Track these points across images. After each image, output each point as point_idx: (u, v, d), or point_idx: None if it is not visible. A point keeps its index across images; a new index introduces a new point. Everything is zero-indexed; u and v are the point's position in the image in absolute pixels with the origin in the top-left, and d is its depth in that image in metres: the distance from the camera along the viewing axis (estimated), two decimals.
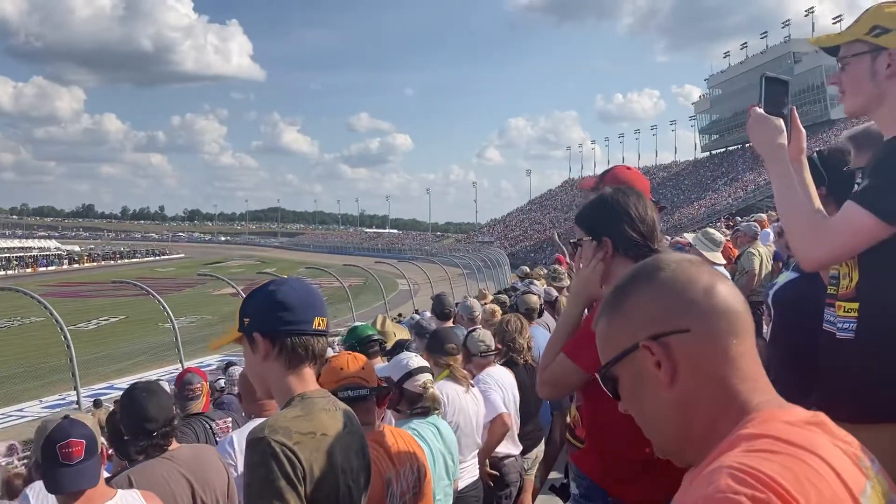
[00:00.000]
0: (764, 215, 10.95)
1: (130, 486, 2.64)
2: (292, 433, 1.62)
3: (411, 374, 3.15)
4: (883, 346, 1.86)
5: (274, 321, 1.77)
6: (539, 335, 5.68)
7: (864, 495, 0.94)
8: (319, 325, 1.80)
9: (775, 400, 1.06)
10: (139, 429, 2.85)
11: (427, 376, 3.19)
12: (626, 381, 1.11)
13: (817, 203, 2.05)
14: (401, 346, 4.71)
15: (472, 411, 3.99)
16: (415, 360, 3.24)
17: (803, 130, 2.07)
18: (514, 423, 4.63)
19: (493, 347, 4.72)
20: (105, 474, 2.72)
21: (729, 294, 1.07)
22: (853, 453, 0.99)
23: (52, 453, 2.41)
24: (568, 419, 2.47)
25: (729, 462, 0.91)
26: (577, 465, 2.29)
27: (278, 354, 1.76)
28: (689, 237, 6.35)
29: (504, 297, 7.83)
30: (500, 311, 6.38)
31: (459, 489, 3.65)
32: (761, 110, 2.01)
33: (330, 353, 3.40)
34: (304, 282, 1.88)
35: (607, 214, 2.15)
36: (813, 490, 0.88)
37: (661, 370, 1.06)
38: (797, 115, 2.05)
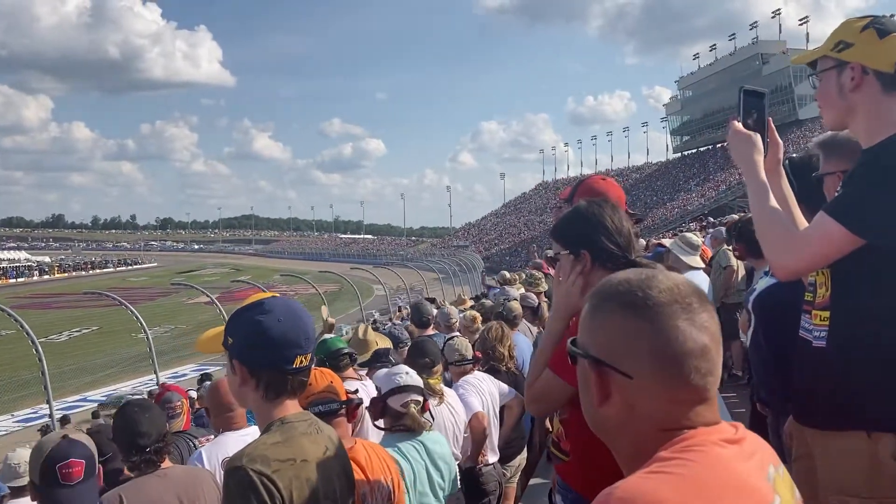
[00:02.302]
0: (736, 216, 11.11)
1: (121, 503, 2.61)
2: (271, 461, 1.61)
3: (396, 390, 3.09)
4: (852, 357, 1.89)
5: (252, 355, 1.74)
6: (520, 341, 5.75)
7: None
8: (301, 362, 1.75)
9: (711, 418, 1.06)
10: (132, 444, 2.83)
11: (414, 397, 3.10)
12: (579, 370, 1.13)
13: (796, 212, 2.07)
14: (379, 355, 4.66)
15: (446, 422, 3.95)
16: (406, 377, 3.14)
17: (780, 142, 2.11)
18: (493, 428, 4.60)
19: (468, 357, 4.73)
20: None
21: (697, 338, 1.03)
22: (763, 469, 1.03)
23: (51, 473, 2.39)
24: (550, 429, 2.45)
25: (622, 486, 0.96)
26: (562, 478, 2.27)
27: (256, 386, 1.74)
28: (667, 243, 6.44)
29: (487, 302, 7.82)
30: (481, 318, 6.34)
31: None
32: (739, 124, 2.04)
33: None
34: (293, 311, 1.78)
35: (583, 228, 2.15)
36: None
37: (596, 390, 1.08)
38: (773, 126, 2.08)
